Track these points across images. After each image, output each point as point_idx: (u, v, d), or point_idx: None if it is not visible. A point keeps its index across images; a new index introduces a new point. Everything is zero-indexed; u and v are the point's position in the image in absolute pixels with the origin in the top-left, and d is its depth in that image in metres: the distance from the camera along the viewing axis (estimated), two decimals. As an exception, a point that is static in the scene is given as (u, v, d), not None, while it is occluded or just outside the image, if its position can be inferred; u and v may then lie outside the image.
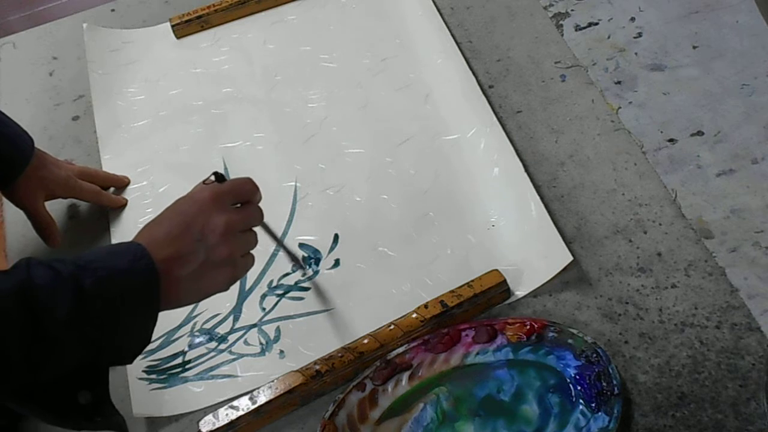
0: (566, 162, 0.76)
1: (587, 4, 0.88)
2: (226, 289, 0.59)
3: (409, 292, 0.70)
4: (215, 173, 0.60)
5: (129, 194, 0.81)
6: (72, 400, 0.53)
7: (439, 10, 0.90)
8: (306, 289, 0.71)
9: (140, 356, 0.68)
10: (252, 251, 0.62)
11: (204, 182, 0.60)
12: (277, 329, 0.69)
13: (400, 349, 0.64)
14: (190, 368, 0.68)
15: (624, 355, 0.63)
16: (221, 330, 0.70)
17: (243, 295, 0.72)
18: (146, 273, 0.53)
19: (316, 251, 0.74)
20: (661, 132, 0.76)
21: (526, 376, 0.62)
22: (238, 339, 0.69)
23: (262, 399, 0.63)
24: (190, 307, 0.71)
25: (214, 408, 0.64)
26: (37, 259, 0.51)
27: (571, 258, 0.67)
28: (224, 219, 0.57)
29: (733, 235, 0.68)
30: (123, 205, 0.80)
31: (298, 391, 0.63)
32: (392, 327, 0.65)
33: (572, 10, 0.88)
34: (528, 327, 0.64)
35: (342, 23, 0.92)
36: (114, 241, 0.77)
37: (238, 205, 0.60)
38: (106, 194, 0.80)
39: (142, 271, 0.53)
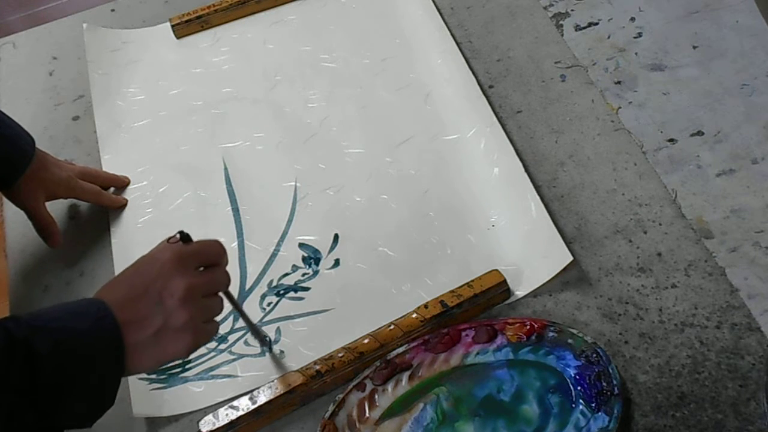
0: (566, 162, 0.76)
1: (587, 4, 0.88)
2: (186, 356, 0.56)
3: (409, 292, 0.70)
4: (180, 232, 0.56)
5: (129, 194, 0.81)
6: None
7: (439, 10, 0.89)
8: (306, 289, 0.71)
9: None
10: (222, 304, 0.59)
11: (168, 241, 0.56)
12: (277, 329, 0.69)
13: (400, 349, 0.64)
14: (190, 368, 0.68)
15: (624, 355, 0.63)
16: (221, 330, 0.70)
17: (243, 295, 0.72)
18: (109, 333, 0.51)
19: (316, 251, 0.74)
20: (661, 132, 0.76)
21: (526, 376, 0.62)
22: (238, 339, 0.69)
23: (262, 399, 0.63)
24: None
25: (214, 408, 0.64)
26: None
27: (571, 258, 0.67)
28: (185, 283, 0.54)
29: (733, 235, 0.68)
30: (123, 205, 0.80)
31: (298, 391, 0.63)
32: (392, 327, 0.65)
33: (572, 10, 0.87)
34: (528, 327, 0.64)
35: (342, 23, 0.92)
36: (114, 241, 0.77)
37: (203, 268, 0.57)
38: (106, 194, 0.79)
39: (104, 330, 0.51)
